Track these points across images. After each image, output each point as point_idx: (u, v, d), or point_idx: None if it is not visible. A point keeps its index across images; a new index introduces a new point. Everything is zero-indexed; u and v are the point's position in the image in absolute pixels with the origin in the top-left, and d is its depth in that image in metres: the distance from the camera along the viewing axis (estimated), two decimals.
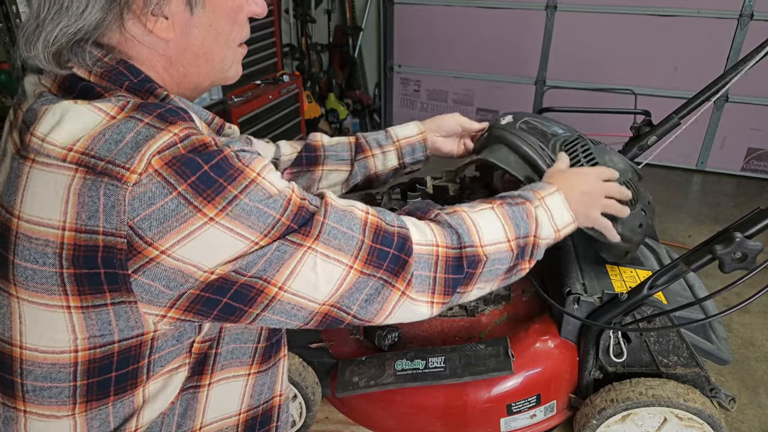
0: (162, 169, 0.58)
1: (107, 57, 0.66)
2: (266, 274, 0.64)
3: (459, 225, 0.79)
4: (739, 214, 1.23)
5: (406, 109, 4.12)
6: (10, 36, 1.77)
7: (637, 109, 2.33)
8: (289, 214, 0.64)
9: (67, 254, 0.59)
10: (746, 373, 1.74)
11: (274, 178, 0.65)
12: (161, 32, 0.66)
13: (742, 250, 0.95)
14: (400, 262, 0.72)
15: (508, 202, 0.87)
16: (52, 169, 0.58)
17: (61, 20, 0.62)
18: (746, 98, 3.15)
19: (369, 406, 1.34)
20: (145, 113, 0.60)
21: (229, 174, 0.61)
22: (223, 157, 0.61)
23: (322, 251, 0.66)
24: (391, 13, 3.87)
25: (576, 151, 1.13)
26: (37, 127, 0.60)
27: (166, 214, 0.58)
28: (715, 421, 1.16)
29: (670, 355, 1.20)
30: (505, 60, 3.68)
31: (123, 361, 0.65)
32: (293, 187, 0.68)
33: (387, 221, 0.74)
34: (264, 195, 0.63)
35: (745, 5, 2.97)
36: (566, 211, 0.92)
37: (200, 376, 0.74)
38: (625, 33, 3.29)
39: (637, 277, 1.27)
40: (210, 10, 0.69)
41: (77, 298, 0.61)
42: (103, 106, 0.61)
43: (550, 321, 1.30)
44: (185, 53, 0.70)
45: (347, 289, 0.69)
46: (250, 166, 0.63)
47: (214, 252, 0.60)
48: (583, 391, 1.27)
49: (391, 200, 1.26)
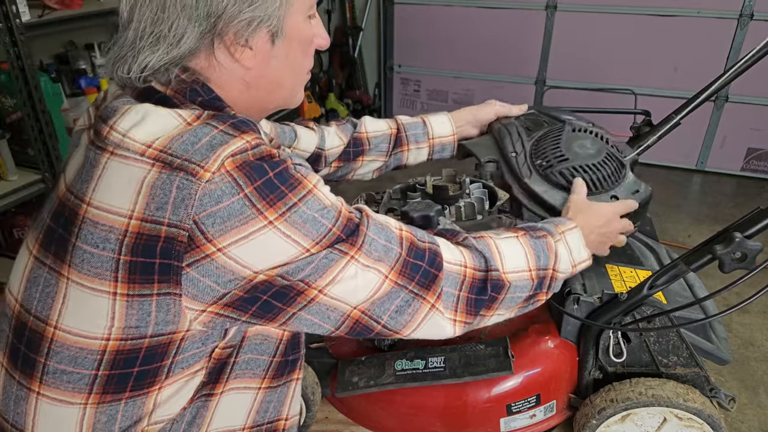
0: (234, 170, 0.62)
1: (185, 74, 0.71)
2: (310, 278, 0.67)
3: (485, 249, 0.83)
4: (738, 214, 1.23)
5: (406, 109, 4.12)
6: (10, 36, 1.77)
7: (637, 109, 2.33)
8: (339, 225, 0.69)
9: (128, 241, 0.63)
10: (746, 373, 1.74)
11: (327, 191, 0.70)
12: (245, 61, 0.72)
13: (742, 250, 0.95)
14: (431, 276, 0.76)
15: (530, 234, 0.91)
16: (130, 162, 0.64)
17: (159, 48, 0.68)
18: (746, 98, 3.15)
19: (369, 406, 1.34)
20: (220, 121, 0.66)
21: (290, 183, 0.66)
22: (286, 167, 0.66)
23: (364, 261, 0.70)
24: (391, 13, 3.86)
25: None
26: (119, 123, 0.66)
27: (230, 213, 0.62)
28: (714, 421, 1.16)
29: (669, 355, 1.20)
30: (505, 60, 3.67)
31: (149, 357, 0.67)
32: (342, 201, 0.73)
33: (419, 237, 0.78)
34: (320, 205, 0.67)
35: (745, 5, 2.97)
36: (583, 248, 0.95)
37: (215, 384, 0.75)
38: (625, 33, 3.29)
39: (637, 277, 1.27)
40: (288, 42, 0.75)
41: (126, 285, 0.64)
42: (181, 113, 0.67)
43: (550, 321, 1.30)
44: (261, 80, 0.76)
45: (380, 298, 0.73)
46: (308, 178, 0.68)
47: (267, 255, 0.64)
48: (583, 391, 1.27)
49: (390, 200, 1.25)
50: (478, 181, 1.25)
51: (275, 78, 0.77)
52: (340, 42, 3.93)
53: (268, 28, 0.71)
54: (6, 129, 1.96)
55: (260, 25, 0.70)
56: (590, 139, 1.19)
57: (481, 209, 1.17)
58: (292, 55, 0.77)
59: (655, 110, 1.38)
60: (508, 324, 1.34)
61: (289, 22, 0.74)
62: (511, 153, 1.22)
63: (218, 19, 0.68)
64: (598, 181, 1.14)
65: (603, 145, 1.18)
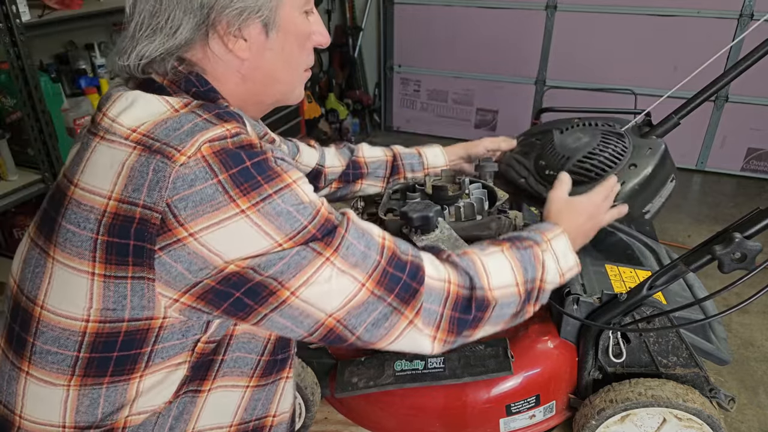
0: (209, 156, 0.63)
1: (182, 66, 0.73)
2: (282, 277, 0.66)
3: (470, 267, 0.81)
4: (738, 214, 1.23)
5: (406, 109, 4.12)
6: (10, 36, 1.77)
7: (637, 109, 2.33)
8: (316, 224, 0.68)
9: (106, 221, 0.64)
10: (746, 373, 1.73)
11: (308, 189, 0.70)
12: (239, 52, 0.74)
13: (742, 251, 0.95)
14: (411, 290, 0.74)
15: (516, 245, 0.88)
16: (115, 146, 0.66)
17: (156, 38, 0.70)
18: (746, 98, 3.15)
19: (368, 407, 1.34)
20: (205, 110, 0.68)
21: (267, 174, 0.66)
22: (265, 158, 0.67)
23: (339, 265, 0.69)
24: (391, 13, 3.86)
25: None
26: (110, 109, 0.69)
27: (202, 198, 0.62)
28: (714, 421, 1.16)
29: (669, 355, 1.20)
30: (505, 60, 3.67)
31: (128, 342, 0.67)
32: (323, 201, 0.72)
33: (402, 249, 0.76)
34: (296, 200, 0.67)
35: (745, 5, 2.97)
36: (570, 254, 0.93)
37: (202, 381, 0.75)
38: (625, 33, 3.29)
39: (637, 277, 1.27)
40: (283, 35, 0.76)
41: (103, 265, 0.65)
42: (170, 100, 0.69)
43: (550, 321, 1.29)
44: (257, 72, 0.77)
45: (356, 307, 0.71)
46: (288, 173, 0.68)
47: (237, 244, 0.64)
48: (583, 391, 1.27)
49: (390, 200, 1.25)
50: (477, 181, 1.25)
51: (271, 71, 0.78)
52: (340, 42, 3.92)
53: (261, 18, 0.72)
54: (6, 129, 1.96)
55: (251, 16, 0.71)
56: (579, 130, 1.22)
57: (481, 209, 1.18)
58: (288, 48, 0.78)
59: (655, 110, 1.38)
60: None
61: (282, 15, 0.75)
62: (521, 180, 1.27)
63: (211, 10, 0.70)
64: (608, 160, 1.17)
65: (593, 129, 1.22)
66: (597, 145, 1.19)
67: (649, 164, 1.18)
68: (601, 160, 1.17)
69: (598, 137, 1.19)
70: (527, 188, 1.26)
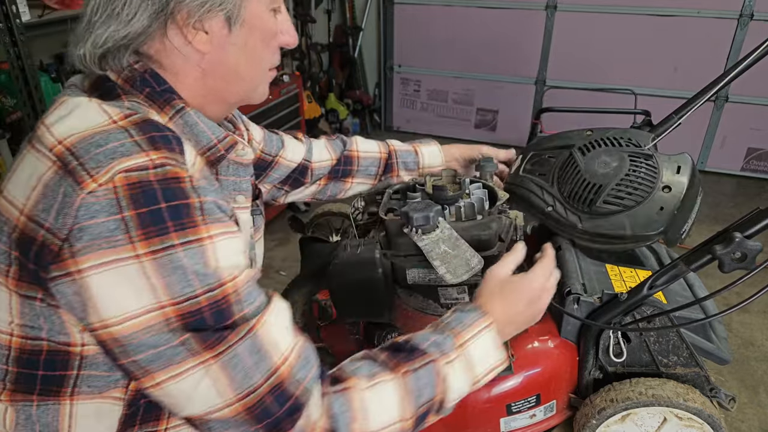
0: (121, 187, 0.57)
1: (138, 64, 0.69)
2: (149, 366, 0.60)
3: (340, 414, 0.69)
4: (738, 214, 1.23)
5: (406, 109, 4.12)
6: (10, 36, 1.77)
7: (637, 109, 2.33)
8: (210, 299, 0.60)
9: (15, 236, 0.61)
10: (746, 373, 1.74)
11: (225, 252, 0.62)
12: (199, 45, 0.70)
13: (742, 250, 0.95)
14: (280, 427, 0.65)
15: (415, 368, 0.75)
16: (39, 156, 0.61)
17: (111, 25, 0.66)
18: (746, 98, 3.15)
19: None
20: (140, 131, 0.61)
21: (181, 222, 0.59)
22: (186, 204, 0.60)
23: (214, 373, 0.61)
24: (391, 13, 3.87)
25: None
26: (48, 117, 0.64)
27: (101, 232, 0.57)
28: (714, 420, 1.16)
29: (669, 354, 1.20)
30: (505, 60, 3.68)
31: (50, 362, 0.64)
32: (239, 275, 0.63)
33: (298, 376, 0.66)
34: (199, 262, 0.59)
35: (745, 5, 2.97)
36: (494, 353, 0.82)
37: (156, 422, 0.70)
38: (625, 33, 3.29)
39: (637, 277, 1.27)
40: (247, 30, 0.73)
41: (15, 282, 0.62)
42: (109, 110, 0.63)
43: (550, 321, 1.29)
44: (219, 68, 0.73)
45: (216, 420, 0.63)
46: (208, 226, 0.61)
47: (119, 295, 0.58)
48: (583, 391, 1.27)
49: (390, 200, 1.25)
50: (478, 181, 1.25)
51: (233, 66, 0.74)
52: (340, 42, 3.93)
53: (224, 11, 0.69)
54: (6, 129, 1.96)
55: (213, 8, 0.68)
56: (603, 152, 1.20)
57: (481, 209, 1.17)
58: (252, 44, 0.74)
59: (655, 110, 1.38)
60: None
61: (249, 9, 0.71)
62: (548, 209, 1.25)
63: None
64: (642, 186, 1.16)
65: (618, 151, 1.19)
66: (629, 170, 1.17)
67: (682, 185, 1.17)
68: (635, 187, 1.17)
69: (627, 161, 1.16)
70: (556, 216, 1.23)
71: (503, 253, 0.99)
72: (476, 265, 1.02)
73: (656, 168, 1.19)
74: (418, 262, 1.10)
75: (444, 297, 1.17)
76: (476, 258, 1.03)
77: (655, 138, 1.28)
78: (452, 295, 1.16)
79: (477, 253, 1.04)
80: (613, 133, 1.27)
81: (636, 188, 1.17)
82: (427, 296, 1.20)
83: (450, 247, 1.03)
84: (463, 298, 1.16)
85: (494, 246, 1.11)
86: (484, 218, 1.14)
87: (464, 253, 1.03)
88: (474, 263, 1.02)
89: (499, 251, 1.10)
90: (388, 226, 1.13)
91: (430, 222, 1.04)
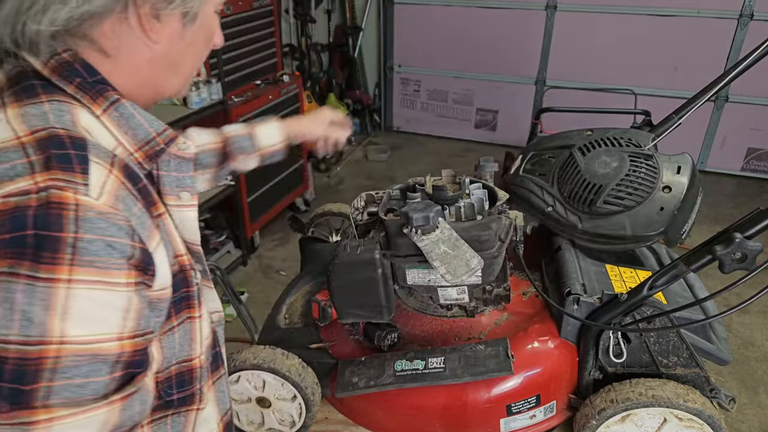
0: None
1: (67, 53, 0.65)
2: None
3: None
4: (738, 214, 1.23)
5: (406, 109, 4.12)
6: None
7: (637, 109, 2.33)
8: (19, 351, 0.53)
9: None
10: (746, 373, 1.74)
11: (82, 306, 0.54)
12: (152, 33, 0.68)
13: (742, 251, 0.94)
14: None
15: None
16: None
17: (71, 1, 0.61)
18: (746, 98, 3.15)
19: (369, 407, 1.34)
20: (39, 149, 0.57)
21: (40, 253, 0.53)
22: (55, 237, 0.53)
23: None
24: (391, 13, 3.87)
25: None
26: None
27: None
28: (714, 421, 1.16)
29: (669, 355, 1.20)
30: (505, 60, 3.68)
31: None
32: (78, 343, 0.55)
33: None
34: (36, 304, 0.53)
35: (745, 5, 2.97)
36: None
37: None
38: (625, 33, 3.29)
39: (637, 277, 1.26)
40: (198, 29, 0.72)
41: None
42: (17, 126, 0.59)
43: (550, 321, 1.29)
44: (163, 59, 0.72)
45: None
46: (73, 268, 0.54)
47: None
48: (583, 391, 1.27)
49: (390, 200, 1.25)
50: (478, 181, 1.25)
51: (177, 61, 0.74)
52: (340, 42, 3.93)
53: (186, 8, 0.68)
54: None
55: (178, 4, 0.67)
56: (603, 152, 1.20)
57: (481, 209, 1.17)
58: (198, 43, 0.75)
59: (655, 110, 1.38)
60: (508, 324, 1.34)
61: (204, 10, 0.72)
62: (548, 209, 1.25)
63: None
64: (642, 186, 1.17)
65: (618, 150, 1.20)
66: (629, 170, 1.18)
67: (683, 185, 1.17)
68: (635, 187, 1.17)
69: (627, 161, 1.18)
70: (557, 216, 1.24)
71: (503, 254, 0.99)
72: (476, 266, 1.02)
73: (656, 168, 1.19)
74: (418, 262, 1.10)
75: (444, 297, 1.17)
76: (476, 258, 1.03)
77: (655, 138, 1.28)
78: (452, 295, 1.16)
79: (477, 253, 1.04)
80: (613, 133, 1.27)
81: (636, 188, 1.17)
82: (427, 296, 1.20)
83: (450, 247, 1.03)
84: (463, 298, 1.16)
85: (494, 246, 1.11)
86: (483, 218, 1.14)
87: (464, 253, 1.03)
88: (474, 264, 1.02)
89: (499, 251, 1.10)
90: (388, 227, 1.13)
91: (429, 222, 1.04)
